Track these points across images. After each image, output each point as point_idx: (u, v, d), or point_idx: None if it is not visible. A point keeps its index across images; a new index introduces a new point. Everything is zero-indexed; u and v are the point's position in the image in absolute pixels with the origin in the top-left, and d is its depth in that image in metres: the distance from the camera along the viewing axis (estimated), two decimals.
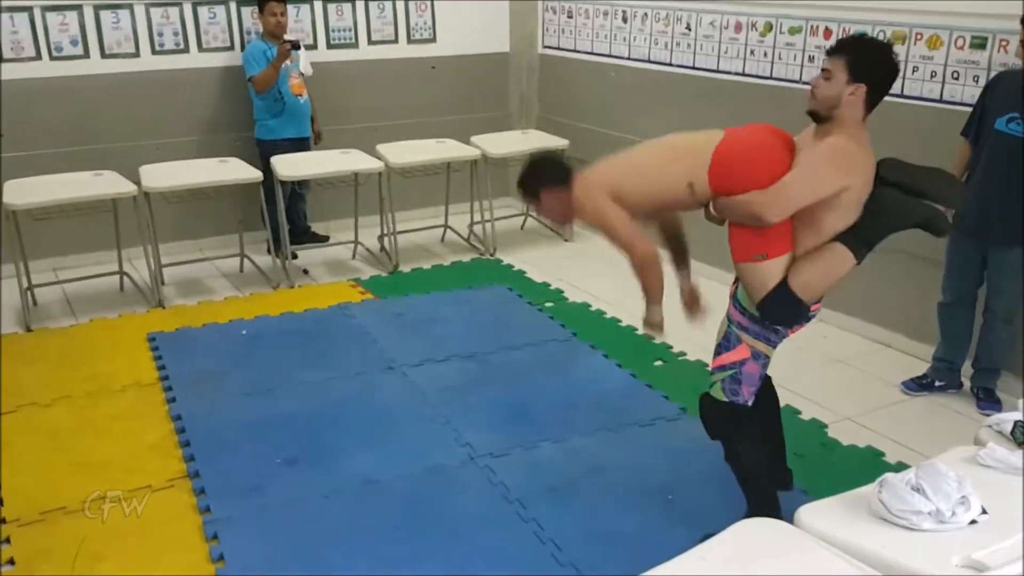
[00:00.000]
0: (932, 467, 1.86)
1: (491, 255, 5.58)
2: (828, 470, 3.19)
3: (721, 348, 2.71)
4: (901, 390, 3.78)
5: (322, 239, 5.57)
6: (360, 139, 5.53)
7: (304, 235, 5.49)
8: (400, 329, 4.37)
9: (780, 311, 2.59)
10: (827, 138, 2.45)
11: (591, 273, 5.27)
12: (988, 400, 3.61)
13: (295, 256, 5.33)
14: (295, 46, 4.99)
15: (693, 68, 5.07)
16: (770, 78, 4.61)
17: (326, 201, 5.56)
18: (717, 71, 4.92)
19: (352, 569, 2.67)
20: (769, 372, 3.88)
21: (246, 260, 5.27)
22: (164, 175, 4.69)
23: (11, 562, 2.69)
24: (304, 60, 5.23)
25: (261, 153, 5.16)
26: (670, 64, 5.22)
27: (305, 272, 5.22)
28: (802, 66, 4.42)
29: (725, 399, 2.67)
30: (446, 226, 5.89)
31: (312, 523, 2.87)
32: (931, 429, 3.49)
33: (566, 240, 5.90)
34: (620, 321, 4.53)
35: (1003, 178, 3.31)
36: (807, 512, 1.89)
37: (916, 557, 1.71)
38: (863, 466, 3.18)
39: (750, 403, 2.68)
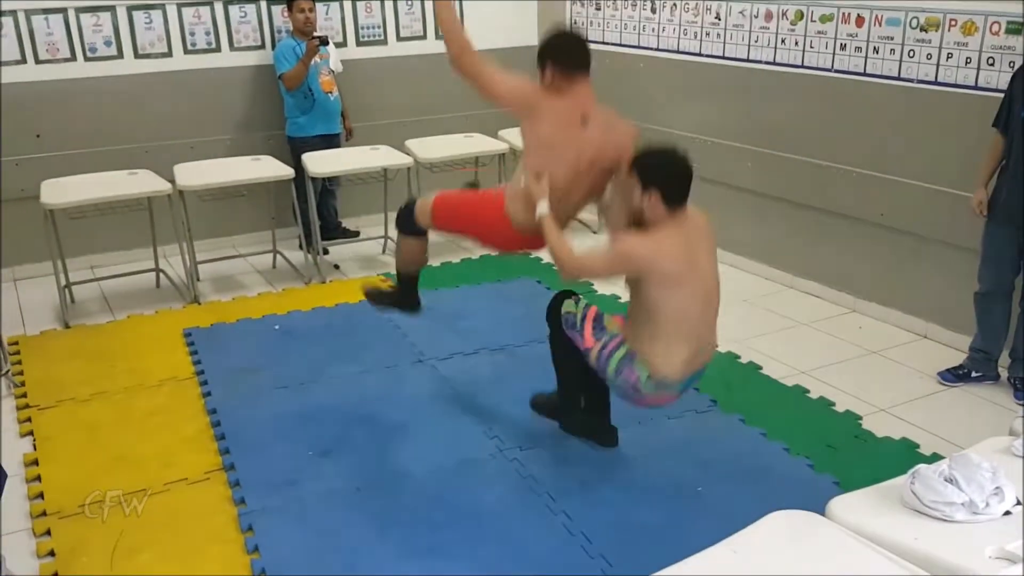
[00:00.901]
0: (965, 458, 1.84)
1: None
2: (861, 462, 3.15)
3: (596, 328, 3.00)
4: (938, 380, 3.73)
5: (353, 234, 5.62)
6: (389, 135, 5.56)
7: (335, 231, 5.54)
8: (430, 323, 4.38)
9: None
10: (628, 240, 2.79)
11: None
12: None
13: (326, 252, 5.38)
14: (323, 42, 5.03)
15: (723, 58, 5.02)
16: (801, 67, 4.55)
17: (356, 196, 5.60)
18: (747, 60, 4.87)
19: (383, 559, 2.70)
20: (802, 363, 3.88)
21: (279, 256, 5.33)
22: (198, 173, 4.76)
23: (51, 554, 2.75)
24: (334, 57, 5.27)
25: (292, 150, 5.21)
26: (700, 54, 5.18)
27: (336, 267, 5.26)
28: (834, 54, 4.36)
29: (573, 312, 3.04)
30: None
31: (345, 515, 2.90)
32: (968, 420, 3.43)
33: (595, 232, 5.88)
34: None
35: None
36: (839, 504, 1.88)
37: (949, 549, 1.69)
38: (897, 458, 3.13)
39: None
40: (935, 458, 3.03)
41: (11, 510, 2.89)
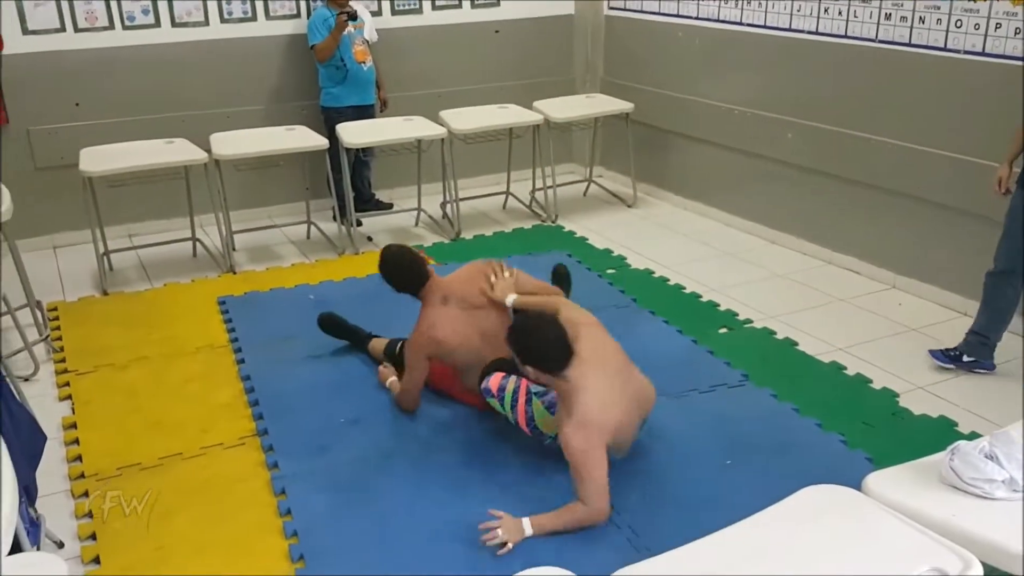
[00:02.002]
0: (1006, 435, 1.80)
1: (553, 222, 5.55)
2: (897, 440, 3.11)
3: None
4: (929, 358, 3.64)
5: (386, 206, 5.62)
6: (423, 105, 5.54)
7: (368, 203, 5.54)
8: None
9: None
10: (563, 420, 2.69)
11: (655, 239, 5.21)
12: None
13: (360, 223, 5.39)
14: (352, 16, 4.99)
15: (764, 27, 4.92)
16: (844, 36, 4.44)
17: (390, 168, 5.60)
18: (789, 29, 4.77)
19: (413, 522, 2.72)
20: (839, 340, 3.82)
21: (312, 227, 5.35)
22: (233, 143, 4.78)
23: (89, 515, 2.81)
24: (369, 26, 5.25)
25: (326, 120, 5.21)
26: (740, 23, 5.08)
27: (369, 239, 5.27)
28: (878, 24, 4.25)
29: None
30: (508, 193, 5.88)
31: (375, 480, 2.92)
32: (1008, 399, 3.36)
33: (629, 207, 5.84)
34: (683, 288, 4.47)
35: None
36: (875, 479, 1.86)
37: (988, 526, 1.66)
38: (935, 436, 3.08)
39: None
40: (973, 437, 2.97)
41: (50, 472, 2.94)
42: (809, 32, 4.64)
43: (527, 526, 2.61)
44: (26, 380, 3.62)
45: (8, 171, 4.55)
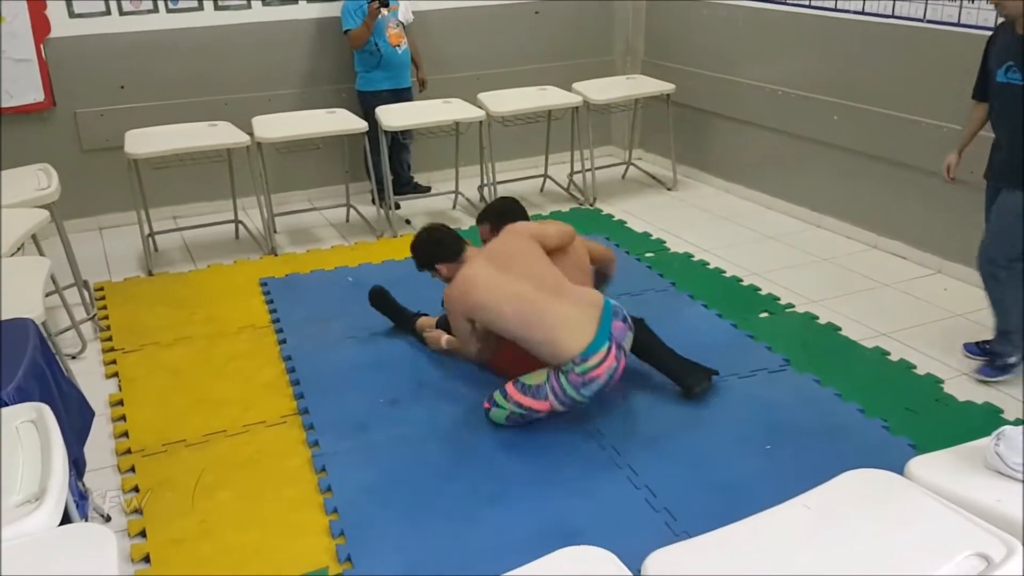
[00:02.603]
0: None
1: (591, 205, 5.53)
2: (940, 426, 3.06)
3: (528, 391, 3.00)
4: (963, 353, 3.50)
5: (424, 190, 5.64)
6: (462, 88, 5.53)
7: (407, 186, 5.56)
8: None
9: None
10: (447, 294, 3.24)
11: (695, 223, 5.16)
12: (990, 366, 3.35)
13: (398, 206, 5.42)
14: (383, 3, 4.97)
15: (809, 7, 4.83)
16: (892, 16, 4.35)
17: (427, 151, 5.60)
18: (835, 9, 4.67)
19: (450, 503, 2.75)
20: (883, 325, 3.77)
21: (351, 210, 5.39)
22: (275, 126, 4.82)
23: (135, 489, 2.87)
24: (404, 8, 5.25)
25: (362, 104, 5.23)
26: (784, 2, 4.99)
27: (407, 222, 5.29)
28: (926, 4, 4.15)
29: (501, 423, 3.10)
30: (546, 175, 5.86)
31: (413, 459, 2.96)
32: None
33: (669, 189, 5.79)
34: (724, 272, 4.43)
35: (1008, 128, 3.20)
36: (918, 464, 1.83)
37: None
38: (979, 422, 3.03)
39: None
40: (1019, 423, 2.92)
41: (97, 447, 3.01)
42: (856, 12, 4.55)
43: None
44: (74, 358, 3.71)
45: (55, 153, 4.63)
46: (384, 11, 5.05)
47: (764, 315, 3.97)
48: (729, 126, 5.59)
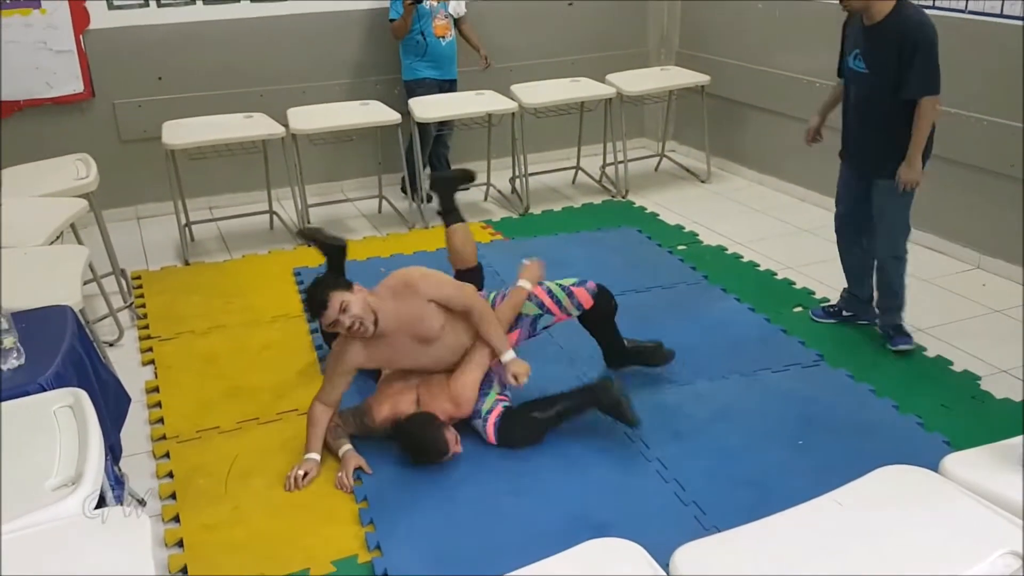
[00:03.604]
0: None
1: (623, 197, 5.50)
2: (976, 423, 3.01)
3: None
4: (811, 317, 3.80)
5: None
6: (495, 80, 5.53)
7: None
8: None
9: None
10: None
11: (729, 215, 5.12)
12: (899, 335, 3.52)
13: (430, 199, 5.42)
14: (416, 1, 4.94)
15: None
16: (933, 7, 4.26)
17: (460, 143, 5.60)
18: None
19: (478, 493, 2.76)
20: (920, 320, 3.71)
21: (384, 201, 5.42)
22: (310, 117, 4.86)
23: (170, 475, 2.92)
24: (455, 2, 5.24)
25: (408, 93, 5.23)
26: None
27: (439, 214, 5.29)
28: None
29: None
30: (578, 167, 5.84)
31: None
32: None
33: (702, 182, 5.74)
34: (758, 265, 4.39)
35: (858, 113, 3.40)
36: (953, 460, 1.80)
37: None
38: (1016, 420, 2.98)
39: None
40: None
41: (133, 433, 3.06)
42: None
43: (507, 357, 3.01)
44: (111, 345, 3.77)
45: (94, 143, 4.70)
46: (432, 1, 5.03)
47: (798, 309, 3.92)
48: (764, 118, 5.53)
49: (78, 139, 4.78)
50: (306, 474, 2.82)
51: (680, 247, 4.66)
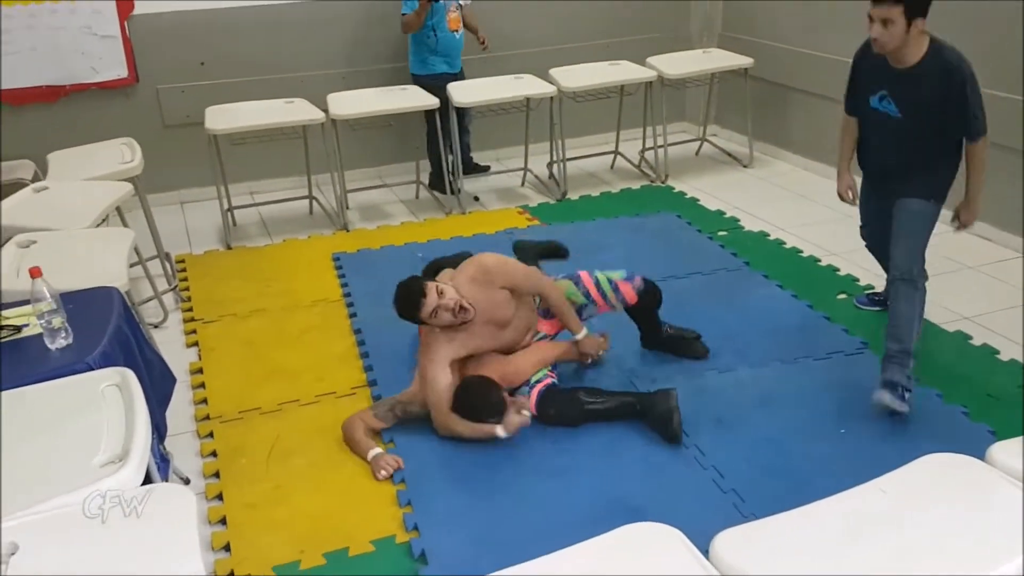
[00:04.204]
0: None
1: (662, 182, 5.45)
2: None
3: None
4: (855, 305, 3.73)
5: (483, 169, 5.58)
6: (534, 63, 5.50)
7: (466, 167, 5.45)
8: None
9: None
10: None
11: (771, 200, 5.05)
12: (893, 392, 2.90)
13: (459, 190, 5.38)
14: None
15: None
16: None
17: (496, 127, 5.57)
18: None
19: (515, 475, 2.77)
20: (965, 308, 3.62)
21: (421, 187, 5.43)
22: (350, 103, 4.87)
23: (213, 454, 2.97)
24: None
25: (418, 86, 5.12)
26: None
27: (476, 199, 5.31)
28: None
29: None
30: (616, 152, 5.80)
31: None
32: None
33: (745, 167, 5.67)
34: (801, 251, 4.33)
35: (881, 148, 3.20)
36: (1001, 449, 1.76)
37: None
38: None
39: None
40: None
41: (178, 413, 3.12)
42: None
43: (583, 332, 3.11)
44: (156, 327, 3.84)
45: (139, 128, 4.78)
46: (437, 1, 4.94)
47: (842, 296, 3.86)
48: (809, 101, 5.43)
49: (122, 124, 4.86)
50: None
51: (721, 233, 4.61)
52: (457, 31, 5.14)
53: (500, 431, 2.82)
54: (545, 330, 3.23)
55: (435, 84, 5.08)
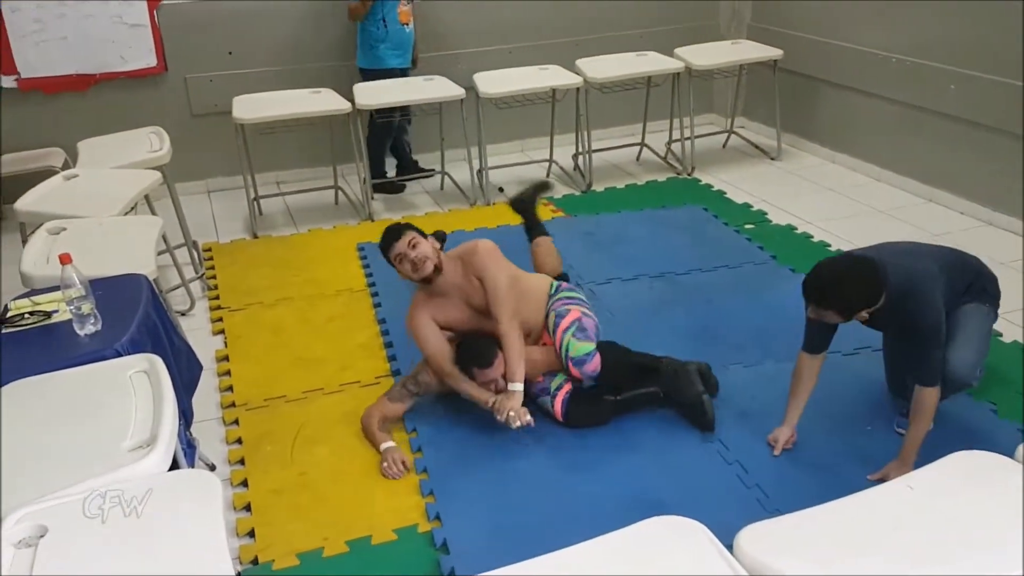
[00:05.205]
0: None
1: (689, 174, 5.41)
2: None
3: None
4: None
5: (428, 172, 5.47)
6: (560, 54, 5.47)
7: (409, 168, 5.42)
8: (589, 247, 4.36)
9: None
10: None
11: (799, 194, 5.00)
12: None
13: (403, 187, 5.32)
14: None
15: None
16: None
17: (521, 118, 5.52)
18: None
19: (537, 467, 2.77)
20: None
21: (446, 178, 5.43)
22: (375, 93, 4.87)
23: (239, 441, 3.00)
24: None
25: (365, 81, 5.01)
26: None
27: (500, 190, 5.30)
28: None
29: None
30: (643, 144, 5.76)
31: (501, 425, 2.97)
32: None
33: (772, 159, 5.61)
34: (829, 245, 4.28)
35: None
36: None
37: None
38: None
39: None
40: None
41: (204, 400, 3.15)
42: None
43: (514, 387, 2.85)
44: (183, 314, 3.88)
45: (168, 117, 4.82)
46: None
47: None
48: (838, 94, 5.37)
49: (151, 113, 4.91)
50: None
51: (748, 226, 4.57)
52: (407, 24, 5.02)
53: (491, 401, 2.85)
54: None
55: (385, 79, 4.98)
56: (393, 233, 3.01)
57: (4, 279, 3.83)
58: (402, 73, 5.15)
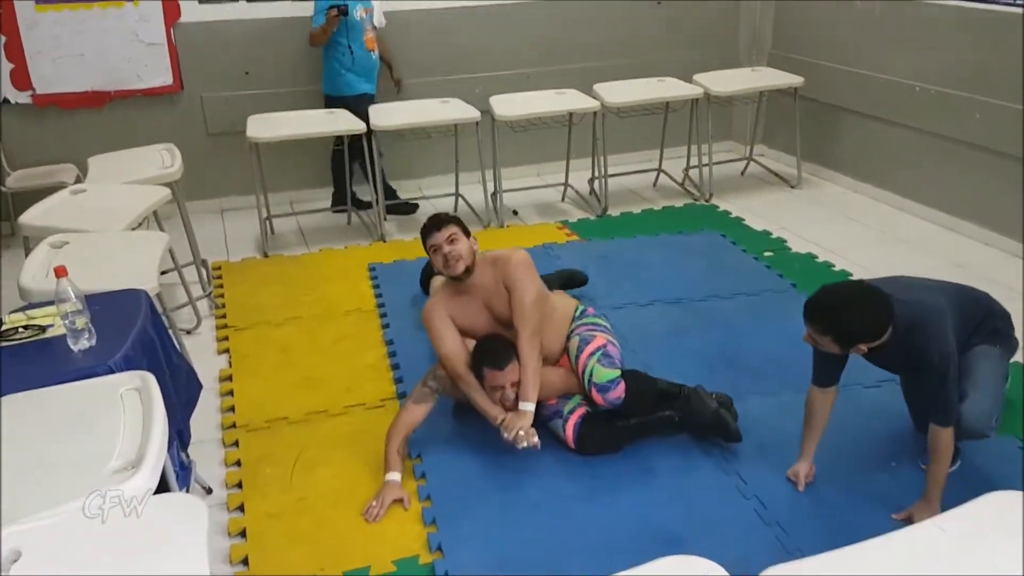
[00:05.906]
0: None
1: (707, 201, 5.32)
2: None
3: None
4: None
5: (411, 208, 5.33)
6: (580, 78, 5.42)
7: (389, 194, 5.27)
8: (603, 271, 4.27)
9: None
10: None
11: (820, 222, 4.90)
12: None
13: (368, 205, 5.10)
14: (343, 12, 4.70)
15: None
16: None
17: (537, 142, 5.48)
18: (981, 0, 4.33)
19: (546, 496, 2.66)
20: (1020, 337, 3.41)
21: (460, 199, 5.36)
22: (390, 114, 4.83)
23: (237, 463, 2.91)
24: (378, 13, 5.01)
25: (328, 107, 4.97)
26: None
27: (515, 213, 5.23)
28: None
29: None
30: (660, 170, 5.68)
31: (508, 450, 2.86)
32: None
33: (792, 187, 5.52)
34: (850, 274, 4.17)
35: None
36: None
37: None
38: None
39: None
40: None
41: (204, 422, 3.07)
42: (1004, 3, 4.19)
43: (525, 407, 2.75)
44: (188, 333, 3.81)
45: (183, 136, 4.79)
46: (361, 13, 4.82)
47: None
48: (860, 122, 5.28)
49: (167, 131, 4.88)
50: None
51: (767, 253, 4.47)
52: (373, 51, 4.97)
53: (500, 417, 2.76)
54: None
55: (356, 105, 4.88)
56: (436, 222, 2.94)
57: (6, 293, 3.78)
58: (371, 99, 5.03)
